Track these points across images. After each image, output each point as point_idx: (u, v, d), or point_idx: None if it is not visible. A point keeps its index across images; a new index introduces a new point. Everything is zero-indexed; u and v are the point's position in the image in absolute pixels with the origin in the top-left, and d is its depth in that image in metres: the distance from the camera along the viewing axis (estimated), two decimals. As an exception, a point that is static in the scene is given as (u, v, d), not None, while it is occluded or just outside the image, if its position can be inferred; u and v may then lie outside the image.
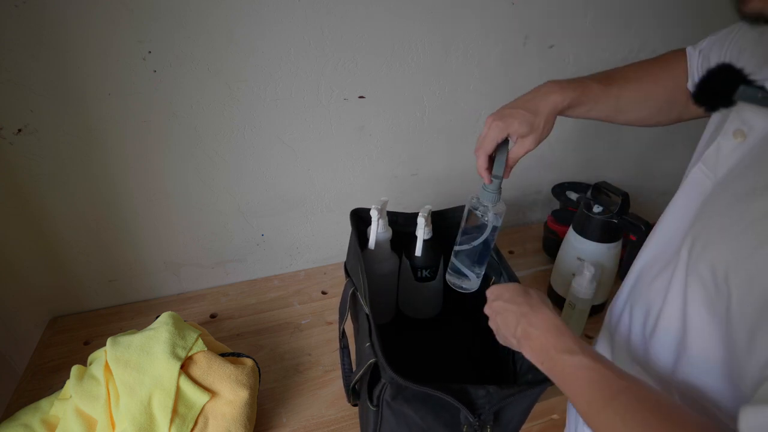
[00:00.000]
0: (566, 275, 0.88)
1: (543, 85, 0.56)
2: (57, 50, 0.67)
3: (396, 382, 0.50)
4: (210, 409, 0.63)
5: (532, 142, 0.55)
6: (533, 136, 0.55)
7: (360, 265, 0.64)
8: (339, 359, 0.80)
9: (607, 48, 0.62)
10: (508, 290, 0.53)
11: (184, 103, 0.76)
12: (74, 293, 0.89)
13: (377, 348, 0.53)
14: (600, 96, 0.56)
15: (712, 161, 0.44)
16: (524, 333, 0.48)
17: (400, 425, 0.56)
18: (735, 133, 0.41)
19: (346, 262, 0.77)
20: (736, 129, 0.41)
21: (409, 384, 0.49)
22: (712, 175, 0.43)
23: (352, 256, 0.72)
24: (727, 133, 0.42)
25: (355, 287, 0.66)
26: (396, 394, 0.53)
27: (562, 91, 0.54)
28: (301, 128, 0.86)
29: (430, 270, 0.79)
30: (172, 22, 0.69)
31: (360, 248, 0.69)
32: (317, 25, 0.76)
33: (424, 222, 0.73)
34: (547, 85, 0.56)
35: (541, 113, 0.54)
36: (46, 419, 0.64)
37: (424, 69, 0.87)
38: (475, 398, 0.50)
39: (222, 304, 0.94)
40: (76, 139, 0.74)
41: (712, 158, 0.44)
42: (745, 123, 0.40)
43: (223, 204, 0.89)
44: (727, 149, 0.42)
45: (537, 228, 1.13)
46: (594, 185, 0.88)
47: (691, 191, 0.46)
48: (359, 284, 0.64)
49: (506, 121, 0.54)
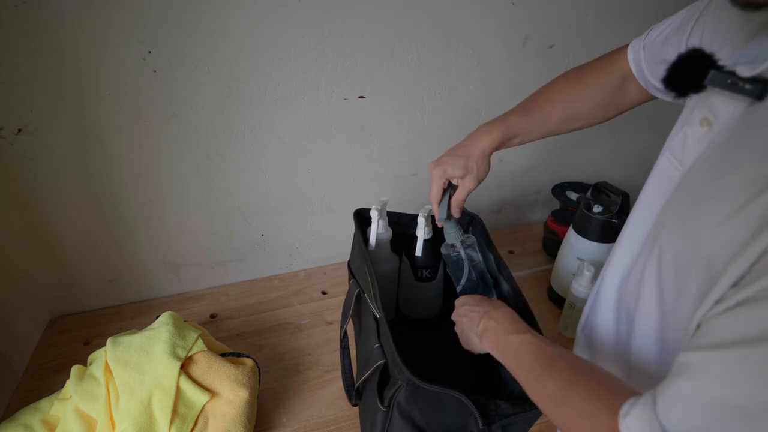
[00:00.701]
0: (566, 275, 0.88)
1: (476, 130, 0.62)
2: (57, 50, 0.67)
3: (414, 384, 0.50)
4: (210, 409, 0.63)
5: (471, 181, 0.61)
6: (470, 176, 0.61)
7: (367, 266, 0.64)
8: (339, 359, 0.80)
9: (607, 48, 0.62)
10: (474, 297, 0.61)
11: (184, 103, 0.76)
12: (74, 293, 0.89)
13: (393, 350, 0.53)
14: (526, 127, 0.61)
15: (679, 151, 0.44)
16: (485, 327, 0.53)
17: (407, 428, 0.55)
18: (702, 121, 0.41)
19: (350, 262, 0.77)
20: (702, 117, 0.41)
21: (432, 386, 0.49)
22: (680, 166, 0.43)
23: (356, 257, 0.72)
24: (693, 122, 0.42)
25: (360, 288, 0.66)
26: (411, 396, 0.52)
27: (489, 134, 0.60)
28: (301, 128, 0.86)
29: (430, 270, 0.79)
30: (173, 22, 0.69)
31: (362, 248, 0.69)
32: (317, 25, 0.76)
33: (425, 222, 0.73)
34: (478, 130, 0.62)
35: (473, 156, 0.60)
36: (46, 419, 0.64)
37: (424, 69, 0.87)
38: (487, 409, 0.51)
39: (222, 304, 0.94)
40: (76, 139, 0.74)
41: (679, 148, 0.44)
42: (712, 111, 0.40)
43: (223, 204, 0.89)
44: (694, 138, 0.42)
45: (537, 228, 1.13)
46: (594, 185, 0.88)
47: (660, 182, 0.47)
48: (366, 285, 0.64)
49: (442, 167, 0.61)
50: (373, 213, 0.73)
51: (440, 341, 0.82)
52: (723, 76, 0.37)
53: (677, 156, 0.44)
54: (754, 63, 0.35)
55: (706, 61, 0.39)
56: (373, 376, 0.57)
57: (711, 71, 0.38)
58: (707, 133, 0.40)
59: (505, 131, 0.60)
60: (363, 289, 0.65)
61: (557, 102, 0.61)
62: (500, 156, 1.04)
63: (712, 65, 0.38)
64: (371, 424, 0.60)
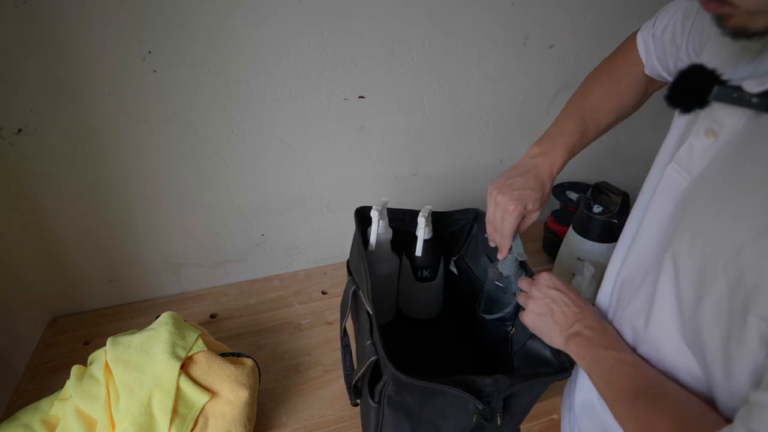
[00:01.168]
0: (566, 275, 0.88)
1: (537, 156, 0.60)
2: (57, 50, 0.67)
3: (398, 378, 0.50)
4: (210, 409, 0.63)
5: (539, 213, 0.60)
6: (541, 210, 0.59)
7: (363, 264, 0.64)
8: (339, 359, 0.80)
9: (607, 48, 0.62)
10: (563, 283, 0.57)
11: (184, 103, 0.76)
12: (74, 293, 0.89)
13: (378, 345, 0.53)
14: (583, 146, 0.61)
15: (686, 161, 0.44)
16: (577, 332, 0.51)
17: (401, 421, 0.56)
18: (707, 132, 0.41)
19: (349, 261, 0.77)
20: (707, 128, 0.41)
21: (410, 380, 0.49)
22: (687, 175, 0.43)
23: (355, 255, 0.73)
24: (698, 133, 0.42)
25: (356, 285, 0.66)
26: (398, 390, 0.53)
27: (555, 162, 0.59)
28: (301, 128, 0.86)
29: (430, 270, 0.79)
30: (173, 22, 0.69)
31: (363, 247, 0.69)
32: (317, 25, 0.76)
33: (425, 222, 0.73)
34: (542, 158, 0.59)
35: (547, 187, 0.59)
36: (46, 419, 0.64)
37: (424, 69, 0.87)
38: (482, 386, 0.52)
39: (222, 304, 0.94)
40: (76, 139, 0.74)
41: (685, 158, 0.44)
42: (716, 122, 0.40)
43: (223, 204, 0.89)
44: (700, 148, 0.42)
45: (537, 228, 1.13)
46: (594, 185, 0.88)
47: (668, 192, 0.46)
48: (361, 282, 0.64)
49: (521, 203, 0.57)
50: (374, 213, 0.73)
51: (440, 341, 0.82)
52: (728, 91, 0.37)
53: (684, 166, 0.44)
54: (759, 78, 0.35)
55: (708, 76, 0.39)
56: (366, 373, 0.57)
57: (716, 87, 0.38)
58: (714, 144, 0.41)
59: (568, 157, 0.60)
60: (359, 287, 0.65)
61: (603, 111, 0.61)
62: (500, 156, 1.04)
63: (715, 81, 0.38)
64: (367, 422, 0.60)
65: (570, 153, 0.60)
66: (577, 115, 0.61)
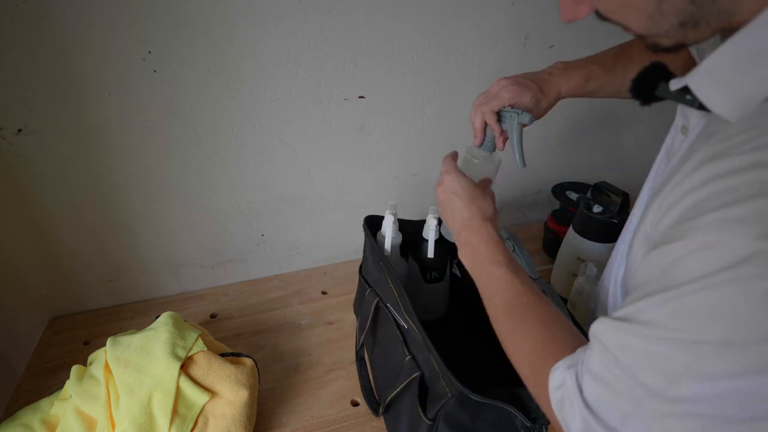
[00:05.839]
0: (566, 275, 0.88)
1: (553, 67, 0.59)
2: (57, 50, 0.67)
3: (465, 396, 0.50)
4: (210, 409, 0.63)
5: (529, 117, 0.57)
6: (533, 113, 0.57)
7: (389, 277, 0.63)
8: (339, 359, 0.80)
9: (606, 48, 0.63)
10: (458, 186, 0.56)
11: (184, 103, 0.76)
12: (74, 293, 0.89)
13: (438, 362, 0.53)
14: (604, 82, 0.58)
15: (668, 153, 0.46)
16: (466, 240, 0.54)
17: None
18: (681, 128, 0.43)
19: (362, 270, 0.77)
20: (682, 125, 0.43)
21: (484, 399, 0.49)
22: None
23: (373, 268, 0.72)
24: (677, 128, 0.44)
25: (379, 297, 0.65)
26: (460, 407, 0.53)
27: (570, 79, 0.57)
28: (301, 128, 0.86)
29: (438, 271, 0.78)
30: (172, 22, 0.69)
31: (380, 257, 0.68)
32: (317, 25, 0.76)
33: (435, 222, 0.73)
34: (557, 70, 0.58)
35: (548, 96, 0.57)
36: (46, 419, 0.64)
37: (424, 69, 0.87)
38: (528, 401, 0.51)
39: (222, 304, 0.94)
40: (76, 139, 0.74)
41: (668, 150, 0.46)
42: (686, 118, 0.42)
43: (223, 204, 0.89)
44: (677, 144, 0.44)
45: (537, 228, 1.12)
46: (594, 185, 0.88)
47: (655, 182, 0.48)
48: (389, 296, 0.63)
49: (521, 90, 0.56)
50: (389, 217, 0.72)
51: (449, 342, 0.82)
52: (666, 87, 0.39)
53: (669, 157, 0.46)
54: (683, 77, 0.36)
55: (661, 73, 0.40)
56: (408, 389, 0.57)
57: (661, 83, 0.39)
58: (685, 140, 0.42)
59: (585, 80, 0.57)
60: (383, 300, 0.65)
61: (637, 63, 0.58)
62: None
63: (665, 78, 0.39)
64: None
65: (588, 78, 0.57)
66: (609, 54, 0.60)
